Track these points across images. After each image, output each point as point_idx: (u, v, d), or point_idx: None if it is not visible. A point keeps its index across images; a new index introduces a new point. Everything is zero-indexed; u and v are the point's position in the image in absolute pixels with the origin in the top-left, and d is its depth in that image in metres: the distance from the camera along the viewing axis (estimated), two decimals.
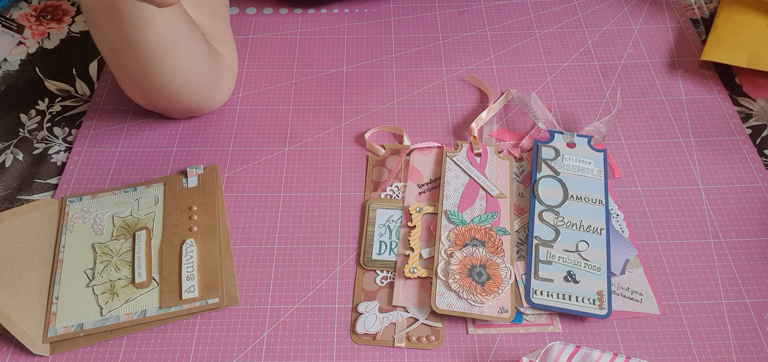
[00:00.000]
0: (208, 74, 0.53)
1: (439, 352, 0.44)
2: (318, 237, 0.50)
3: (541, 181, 0.52)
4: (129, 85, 0.52)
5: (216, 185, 0.53)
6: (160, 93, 0.52)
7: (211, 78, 0.54)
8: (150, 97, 0.53)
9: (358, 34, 0.67)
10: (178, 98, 0.53)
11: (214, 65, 0.54)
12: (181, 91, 0.52)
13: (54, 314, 0.45)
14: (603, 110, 0.59)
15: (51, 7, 0.70)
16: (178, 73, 0.50)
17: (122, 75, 0.51)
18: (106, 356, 0.44)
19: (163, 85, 0.50)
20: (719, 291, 0.47)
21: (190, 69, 0.51)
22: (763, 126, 0.58)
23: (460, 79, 0.63)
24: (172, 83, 0.50)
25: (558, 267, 0.47)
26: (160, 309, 0.46)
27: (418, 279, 0.47)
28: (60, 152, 0.57)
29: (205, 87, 0.54)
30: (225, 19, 0.59)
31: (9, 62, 0.64)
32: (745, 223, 0.51)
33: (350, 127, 0.58)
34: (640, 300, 0.46)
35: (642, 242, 0.50)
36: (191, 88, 0.52)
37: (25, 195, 0.54)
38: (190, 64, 0.50)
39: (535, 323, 0.46)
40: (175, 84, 0.51)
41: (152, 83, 0.50)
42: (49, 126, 0.59)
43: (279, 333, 0.45)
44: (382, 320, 0.45)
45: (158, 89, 0.51)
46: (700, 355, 0.44)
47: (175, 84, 0.51)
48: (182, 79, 0.51)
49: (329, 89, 0.61)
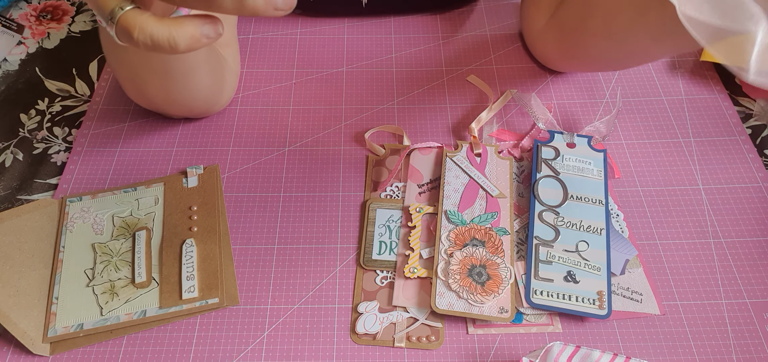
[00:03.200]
0: (217, 84, 0.53)
1: (439, 352, 0.44)
2: (318, 237, 0.50)
3: (541, 181, 0.52)
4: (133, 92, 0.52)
5: (216, 185, 0.53)
6: (170, 104, 0.52)
7: (218, 86, 0.54)
8: (156, 104, 0.53)
9: (358, 34, 0.67)
10: (188, 108, 0.54)
11: (222, 75, 0.54)
12: (192, 103, 0.53)
13: (54, 314, 0.45)
14: (603, 110, 0.59)
15: (51, 7, 0.70)
16: (195, 89, 0.50)
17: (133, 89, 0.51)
18: (106, 356, 0.44)
19: (178, 98, 0.51)
20: (719, 291, 0.47)
21: (206, 84, 0.51)
22: (763, 126, 0.58)
23: (460, 79, 0.63)
24: (187, 97, 0.51)
25: (558, 267, 0.47)
26: (160, 309, 0.46)
27: (418, 279, 0.47)
28: (60, 152, 0.56)
29: (213, 95, 0.54)
30: (232, 23, 0.59)
31: (9, 62, 0.64)
32: (745, 223, 0.51)
33: (350, 127, 0.58)
34: (640, 300, 0.46)
35: (642, 242, 0.50)
36: (202, 98, 0.53)
37: (25, 195, 0.54)
38: (207, 79, 0.51)
39: (535, 323, 0.46)
40: (190, 97, 0.51)
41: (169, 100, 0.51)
42: (49, 126, 0.59)
43: (279, 333, 0.45)
44: (382, 320, 0.45)
45: (170, 102, 0.51)
46: (700, 355, 0.44)
47: (190, 97, 0.51)
48: (197, 93, 0.51)
49: (329, 89, 0.61)
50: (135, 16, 0.30)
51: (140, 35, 0.30)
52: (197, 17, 0.30)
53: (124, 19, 0.30)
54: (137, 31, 0.30)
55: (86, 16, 0.70)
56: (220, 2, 0.28)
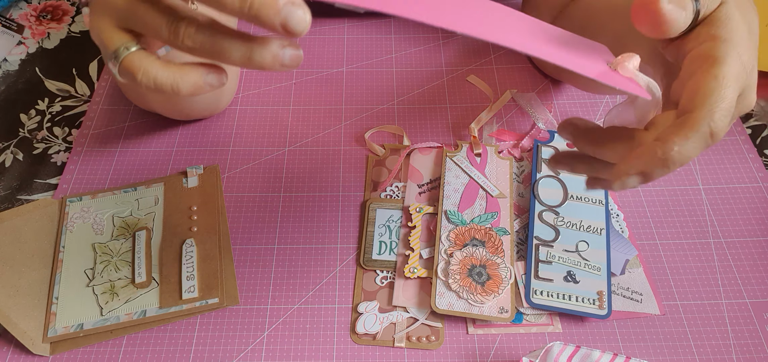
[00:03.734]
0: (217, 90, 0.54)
1: (439, 352, 0.44)
2: (318, 237, 0.50)
3: (541, 181, 0.52)
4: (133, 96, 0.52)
5: (216, 185, 0.53)
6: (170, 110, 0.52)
7: (218, 92, 0.55)
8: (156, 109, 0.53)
9: (358, 33, 0.67)
10: (187, 113, 0.54)
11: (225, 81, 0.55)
12: (191, 110, 0.53)
13: (54, 314, 0.45)
14: (603, 110, 0.59)
15: (51, 7, 0.70)
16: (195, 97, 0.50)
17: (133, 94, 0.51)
18: (106, 356, 0.44)
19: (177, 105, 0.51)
20: (719, 291, 0.47)
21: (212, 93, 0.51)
22: (763, 126, 0.58)
23: (460, 79, 0.62)
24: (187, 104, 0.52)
25: (558, 267, 0.47)
26: (160, 309, 0.46)
27: (418, 279, 0.47)
28: (60, 152, 0.56)
29: (212, 101, 0.55)
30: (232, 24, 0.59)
31: (9, 62, 0.64)
32: (745, 223, 0.51)
33: (350, 127, 0.58)
34: (640, 300, 0.46)
35: (642, 242, 0.50)
36: (202, 105, 0.54)
37: (25, 195, 0.54)
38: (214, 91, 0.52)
39: (535, 323, 0.46)
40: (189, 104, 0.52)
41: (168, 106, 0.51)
42: (49, 126, 0.59)
43: (279, 333, 0.45)
44: (382, 320, 0.45)
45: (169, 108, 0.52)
46: (700, 355, 0.44)
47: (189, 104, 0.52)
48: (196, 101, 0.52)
49: (329, 89, 0.61)
50: (140, 59, 0.30)
51: (144, 78, 0.29)
52: (202, 66, 0.30)
53: (129, 61, 0.30)
54: (141, 75, 0.29)
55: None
56: (230, 60, 0.28)
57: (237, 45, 0.28)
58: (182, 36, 0.28)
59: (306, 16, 0.26)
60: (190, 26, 0.28)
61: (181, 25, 0.28)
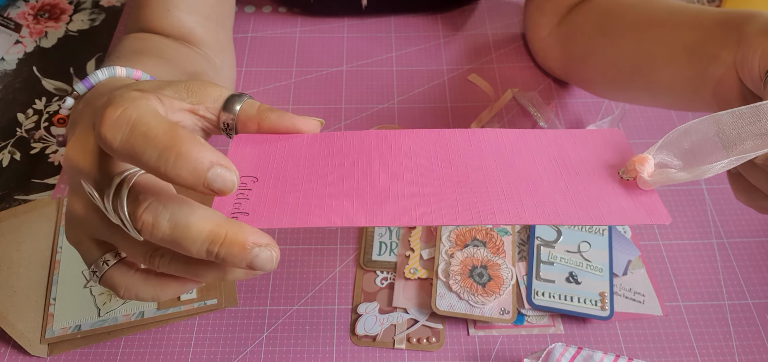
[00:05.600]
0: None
1: (439, 354, 0.44)
2: (318, 238, 0.50)
3: None
4: None
5: None
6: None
7: None
8: None
9: (358, 33, 0.67)
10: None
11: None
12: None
13: (51, 315, 0.45)
14: (604, 110, 0.59)
15: (48, 6, 0.70)
16: None
17: None
18: (104, 357, 0.44)
19: None
20: (722, 292, 0.47)
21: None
22: None
23: (460, 78, 0.62)
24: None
25: (560, 268, 0.47)
26: (158, 310, 0.45)
27: (419, 280, 0.47)
28: (57, 152, 0.56)
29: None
30: (228, 30, 0.58)
31: (6, 61, 0.64)
32: (748, 223, 0.51)
33: (350, 127, 0.58)
34: (642, 302, 0.46)
35: (644, 242, 0.50)
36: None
37: (22, 195, 0.53)
38: None
39: (536, 324, 0.45)
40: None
41: None
42: (47, 125, 0.58)
43: (278, 335, 0.45)
44: (382, 321, 0.45)
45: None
46: (702, 357, 0.44)
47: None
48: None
49: (329, 89, 0.61)
50: (121, 277, 0.30)
51: (126, 294, 0.30)
52: (182, 280, 0.30)
53: (110, 278, 0.30)
54: (123, 291, 0.30)
55: (84, 15, 0.69)
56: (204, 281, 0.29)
57: (211, 271, 0.28)
58: (157, 264, 0.28)
59: (273, 254, 0.26)
60: (164, 256, 0.28)
61: (155, 256, 0.28)
